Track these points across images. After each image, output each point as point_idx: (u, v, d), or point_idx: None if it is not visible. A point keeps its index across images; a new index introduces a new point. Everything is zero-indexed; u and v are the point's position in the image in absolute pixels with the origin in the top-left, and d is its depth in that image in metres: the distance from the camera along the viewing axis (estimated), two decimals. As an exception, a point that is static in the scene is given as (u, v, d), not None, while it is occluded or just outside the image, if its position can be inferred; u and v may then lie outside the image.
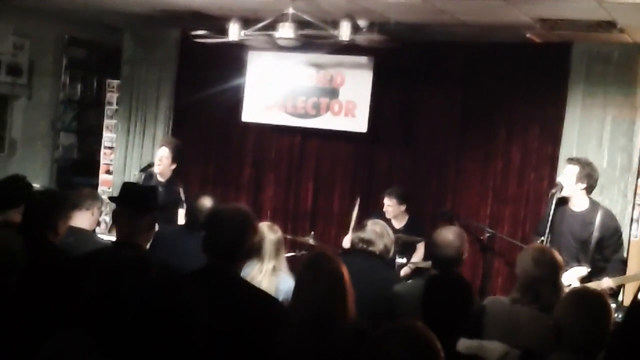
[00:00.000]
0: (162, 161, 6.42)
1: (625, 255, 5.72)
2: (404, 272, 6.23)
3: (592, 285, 5.04)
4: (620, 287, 5.39)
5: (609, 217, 5.34)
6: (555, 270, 3.80)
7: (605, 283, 5.07)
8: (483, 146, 7.12)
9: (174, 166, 6.48)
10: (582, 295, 3.02)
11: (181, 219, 6.10)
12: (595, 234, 5.20)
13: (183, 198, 6.31)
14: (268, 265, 4.20)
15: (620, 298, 5.77)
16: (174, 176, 6.50)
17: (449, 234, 4.12)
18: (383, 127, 7.51)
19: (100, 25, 8.75)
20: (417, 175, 7.37)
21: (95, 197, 4.87)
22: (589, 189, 5.32)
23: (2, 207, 4.30)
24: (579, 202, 5.33)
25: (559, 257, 3.91)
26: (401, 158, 7.50)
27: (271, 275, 4.18)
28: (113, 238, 4.15)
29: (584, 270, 5.19)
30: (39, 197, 4.15)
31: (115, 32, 8.63)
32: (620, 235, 5.42)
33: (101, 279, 2.50)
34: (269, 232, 4.27)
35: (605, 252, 5.25)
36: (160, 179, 6.44)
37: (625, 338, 2.80)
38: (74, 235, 4.28)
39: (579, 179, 5.27)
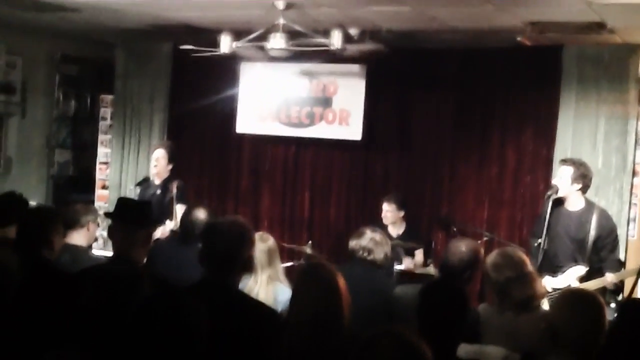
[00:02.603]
0: (159, 162, 6.64)
1: (621, 255, 5.73)
2: (405, 265, 6.24)
3: (596, 282, 5.05)
4: (623, 283, 5.38)
5: (605, 217, 5.34)
6: (515, 267, 3.80)
7: (610, 278, 5.06)
8: (478, 150, 7.13)
9: (170, 166, 6.71)
10: (576, 296, 3.03)
11: (178, 214, 6.07)
12: (592, 233, 5.19)
13: (175, 194, 6.33)
14: (262, 276, 4.16)
15: (620, 297, 5.77)
16: (171, 176, 6.67)
17: (462, 245, 4.13)
18: (377, 135, 7.52)
19: (92, 41, 8.75)
20: (412, 181, 7.37)
21: (88, 211, 4.74)
22: (584, 189, 5.33)
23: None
24: (574, 203, 5.34)
25: (515, 252, 3.95)
26: (396, 165, 7.51)
27: (267, 285, 4.14)
28: (109, 253, 4.14)
29: (582, 269, 5.17)
30: (33, 213, 4.12)
31: (107, 48, 8.64)
32: (616, 236, 5.41)
33: (95, 295, 2.49)
34: (258, 242, 4.24)
35: (601, 253, 5.24)
36: (157, 181, 6.66)
37: (620, 336, 2.81)
38: (70, 253, 4.26)
39: (574, 179, 5.27)
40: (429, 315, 2.98)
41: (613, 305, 5.38)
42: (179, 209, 6.11)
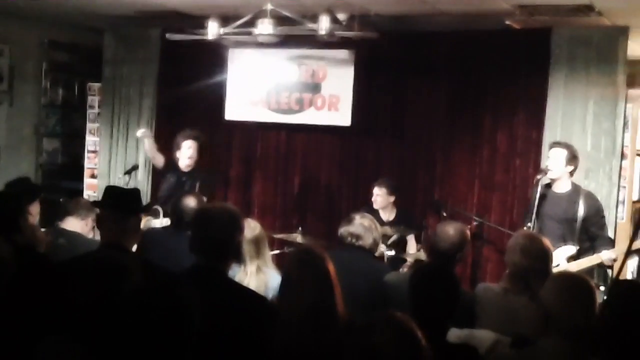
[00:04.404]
0: (192, 155, 6.70)
1: (610, 234, 5.80)
2: (408, 264, 6.23)
3: (589, 260, 5.11)
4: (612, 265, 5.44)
5: (591, 197, 5.49)
6: (544, 260, 3.83)
7: (605, 255, 5.12)
8: (470, 134, 7.12)
9: (198, 158, 6.79)
10: (568, 280, 3.05)
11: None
12: (580, 213, 5.31)
13: (198, 186, 6.53)
14: (251, 267, 4.12)
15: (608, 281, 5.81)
16: (198, 167, 6.80)
17: (450, 229, 4.14)
18: (369, 119, 7.50)
19: (81, 27, 8.70)
20: (405, 166, 7.37)
21: (91, 210, 4.78)
22: (574, 171, 5.48)
23: None
24: (563, 185, 5.46)
25: (547, 245, 3.95)
26: (388, 149, 7.49)
27: (257, 275, 4.11)
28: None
29: (572, 249, 5.25)
30: None
31: (96, 33, 8.58)
32: (604, 215, 5.57)
33: (86, 283, 2.49)
34: (245, 230, 4.21)
35: (590, 230, 5.35)
36: (186, 169, 6.72)
37: (610, 317, 2.83)
38: (65, 237, 4.27)
39: (568, 161, 5.42)
40: (421, 300, 2.99)
41: (602, 288, 5.43)
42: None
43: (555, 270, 4.94)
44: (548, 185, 5.50)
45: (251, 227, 4.17)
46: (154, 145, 7.04)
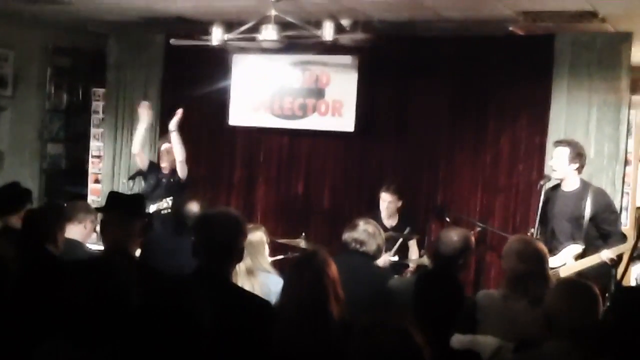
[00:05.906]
0: (169, 156, 6.98)
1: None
2: (410, 269, 6.22)
3: (590, 259, 5.07)
4: (621, 257, 5.38)
5: (601, 193, 5.42)
6: (540, 262, 3.84)
7: (605, 255, 5.08)
8: (473, 139, 7.12)
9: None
10: (572, 286, 3.08)
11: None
12: (588, 210, 5.23)
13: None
14: (240, 266, 4.05)
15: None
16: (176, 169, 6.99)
17: (453, 234, 4.14)
18: (373, 125, 7.49)
19: (85, 32, 8.72)
20: (408, 171, 7.36)
21: (88, 210, 4.82)
22: (580, 169, 5.42)
23: (2, 213, 4.38)
24: (570, 183, 5.41)
25: (542, 247, 3.97)
26: (392, 155, 7.48)
27: (245, 278, 4.06)
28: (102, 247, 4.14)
29: (578, 248, 5.19)
30: (41, 211, 4.18)
31: (99, 38, 8.60)
32: (615, 210, 5.50)
33: (87, 286, 2.48)
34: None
35: (602, 227, 5.28)
36: (165, 171, 7.03)
37: (613, 324, 2.84)
38: (63, 245, 4.27)
39: (572, 159, 5.35)
40: (424, 305, 2.99)
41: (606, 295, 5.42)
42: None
43: (561, 269, 4.96)
44: (558, 185, 5.47)
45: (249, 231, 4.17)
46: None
